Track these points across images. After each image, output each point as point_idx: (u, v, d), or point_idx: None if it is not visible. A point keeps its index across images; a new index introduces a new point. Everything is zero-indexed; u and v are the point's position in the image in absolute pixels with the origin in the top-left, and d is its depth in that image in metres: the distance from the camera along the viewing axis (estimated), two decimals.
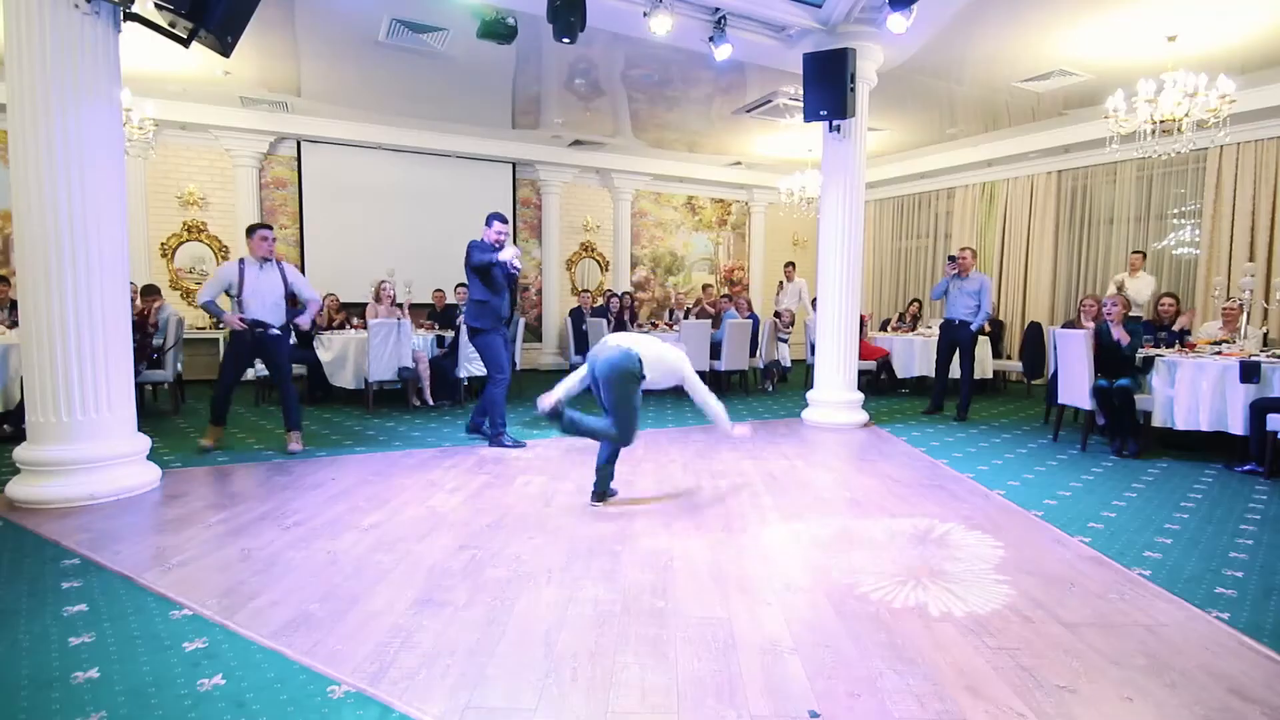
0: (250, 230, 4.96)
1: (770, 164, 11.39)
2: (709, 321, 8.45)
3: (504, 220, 5.25)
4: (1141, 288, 7.45)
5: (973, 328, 6.77)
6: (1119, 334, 5.23)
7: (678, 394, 8.06)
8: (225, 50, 3.95)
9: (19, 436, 4.32)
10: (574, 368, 9.65)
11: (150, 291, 6.77)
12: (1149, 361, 5.32)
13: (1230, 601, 2.65)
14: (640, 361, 3.59)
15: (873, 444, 5.58)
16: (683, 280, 12.45)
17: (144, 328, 6.15)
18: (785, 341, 9.34)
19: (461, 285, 8.26)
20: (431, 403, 6.99)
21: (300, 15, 5.81)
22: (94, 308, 3.75)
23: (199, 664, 2.10)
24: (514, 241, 7.51)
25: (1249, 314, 5.80)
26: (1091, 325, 5.56)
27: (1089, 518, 3.68)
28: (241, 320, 4.77)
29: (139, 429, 4.10)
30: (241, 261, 4.88)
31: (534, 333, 11.08)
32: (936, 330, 7.96)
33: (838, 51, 5.56)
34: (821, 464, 4.91)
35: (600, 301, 9.87)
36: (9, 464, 3.96)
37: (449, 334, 7.34)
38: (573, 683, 2.04)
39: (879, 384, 8.71)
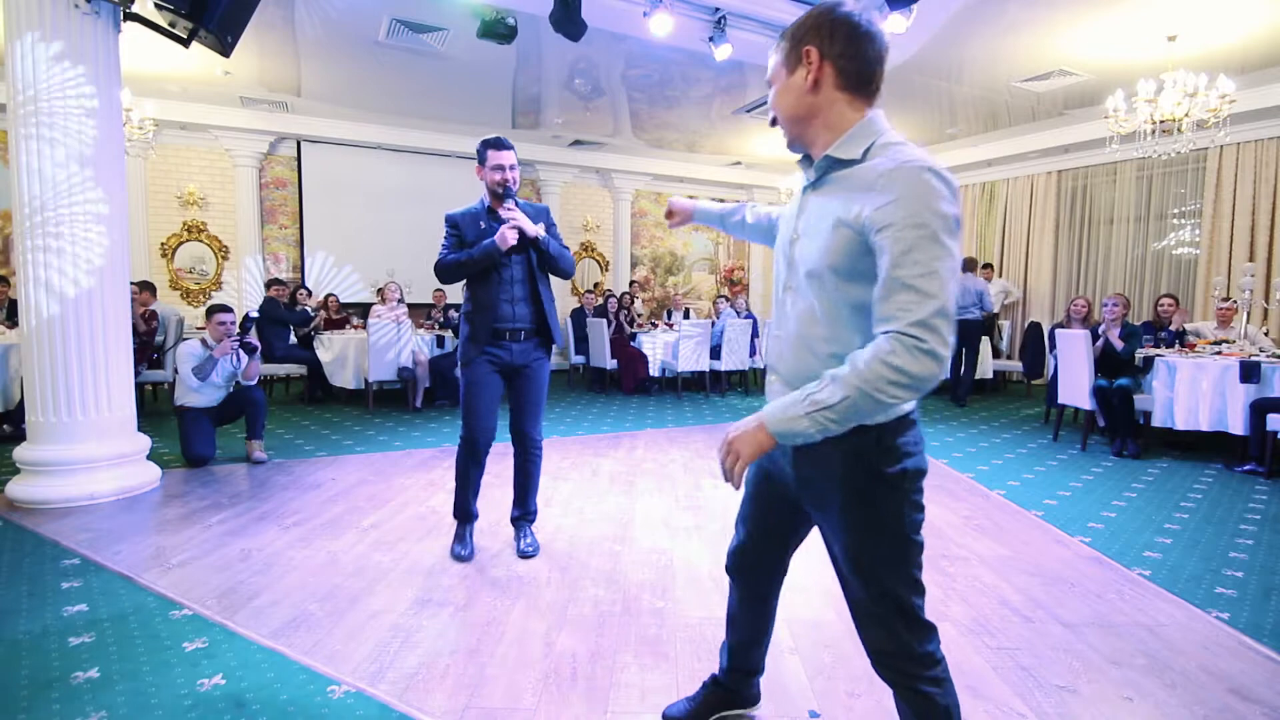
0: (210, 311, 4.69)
1: (770, 164, 11.39)
2: (709, 322, 8.45)
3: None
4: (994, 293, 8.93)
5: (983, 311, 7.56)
6: (1113, 338, 5.25)
7: (677, 393, 8.14)
8: (225, 50, 3.95)
9: (19, 436, 4.33)
10: (574, 368, 9.70)
11: (145, 287, 6.75)
12: (1149, 362, 5.32)
13: (1230, 601, 2.65)
14: None
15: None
16: (683, 280, 12.45)
17: (140, 329, 6.14)
18: None
19: None
20: (419, 406, 6.93)
21: (300, 15, 5.80)
22: (94, 308, 3.75)
23: (199, 664, 2.10)
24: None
25: (1249, 314, 5.81)
26: (1085, 329, 5.56)
27: (1089, 518, 3.68)
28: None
29: (139, 429, 4.10)
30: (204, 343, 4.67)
31: None
32: None
33: None
34: None
35: (600, 301, 9.87)
36: (9, 464, 3.96)
37: (449, 334, 7.34)
38: (573, 683, 2.04)
39: None
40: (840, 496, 1.29)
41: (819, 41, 1.25)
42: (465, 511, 3.09)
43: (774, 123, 1.34)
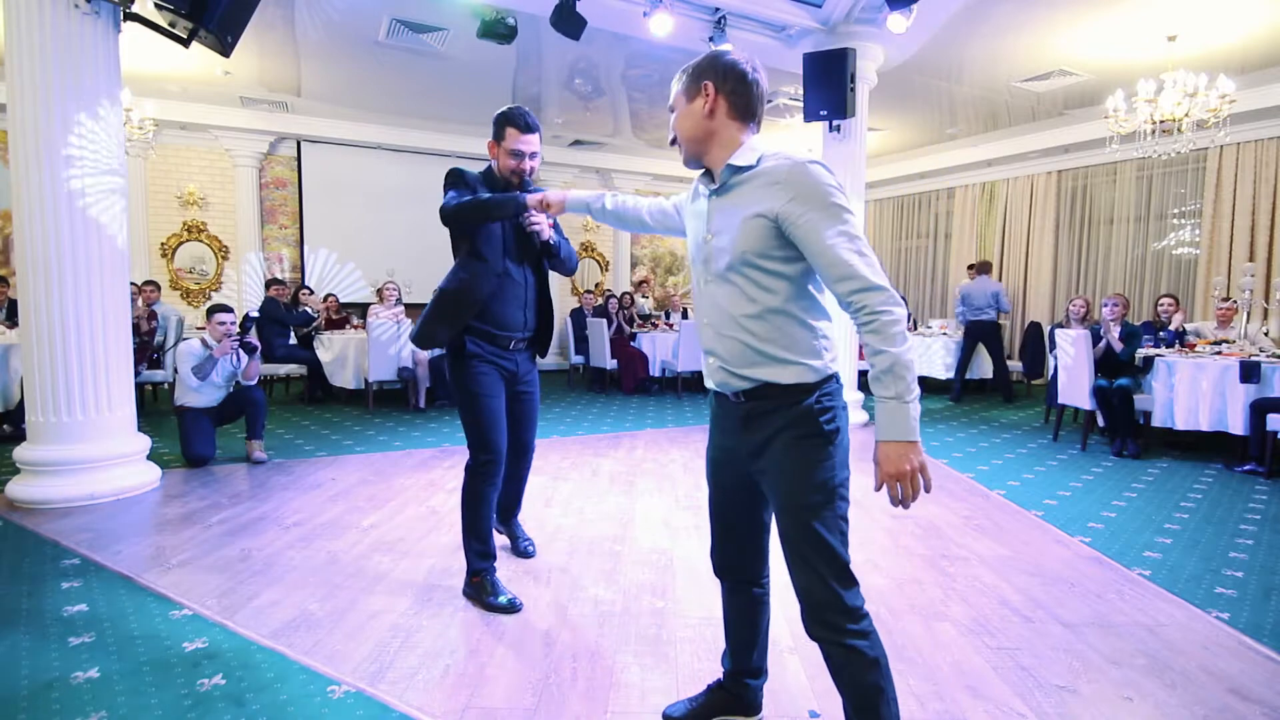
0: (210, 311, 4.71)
1: None
2: None
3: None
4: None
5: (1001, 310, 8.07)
6: (1113, 339, 5.27)
7: (677, 393, 8.14)
8: (225, 50, 3.95)
9: (19, 436, 4.33)
10: (574, 368, 9.71)
11: (150, 285, 6.84)
12: (1149, 362, 5.32)
13: (1230, 601, 2.65)
14: None
15: (872, 444, 5.57)
16: (683, 280, 12.45)
17: (141, 329, 6.15)
18: None
19: None
20: (423, 406, 6.94)
21: (300, 15, 5.80)
22: (94, 308, 3.75)
23: (199, 664, 2.10)
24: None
25: (1249, 314, 5.80)
26: (1084, 329, 5.56)
27: (1089, 518, 3.68)
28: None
29: (139, 429, 4.10)
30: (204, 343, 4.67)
31: None
32: (936, 330, 8.71)
33: (838, 51, 5.56)
34: None
35: (600, 301, 9.88)
36: (9, 464, 3.96)
37: None
38: (573, 683, 2.04)
39: None
40: (783, 449, 1.47)
41: (715, 78, 1.50)
42: (490, 553, 2.59)
43: (674, 142, 1.58)
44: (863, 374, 7.35)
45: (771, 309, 1.46)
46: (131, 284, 5.12)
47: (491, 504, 2.59)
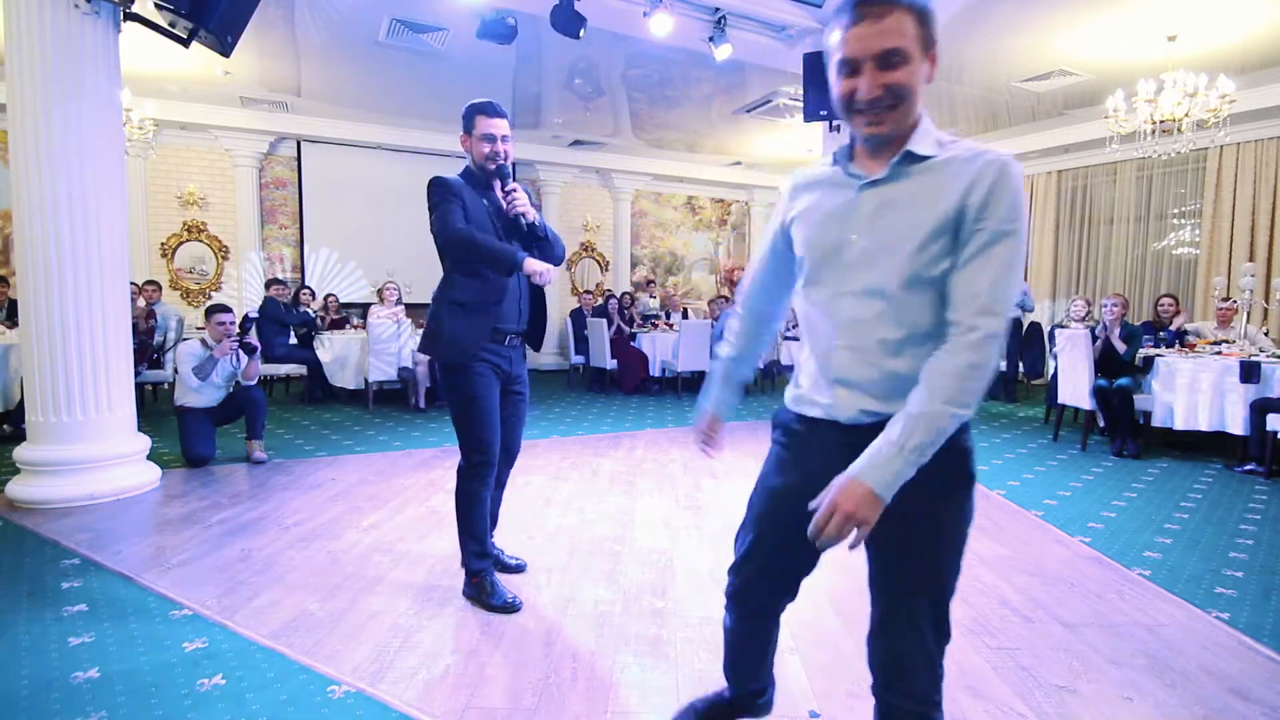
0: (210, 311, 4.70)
1: (770, 164, 11.39)
2: (709, 322, 8.46)
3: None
4: None
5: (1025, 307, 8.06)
6: (1115, 338, 5.27)
7: (677, 393, 8.13)
8: (225, 50, 3.95)
9: (19, 436, 4.33)
10: (574, 368, 9.71)
11: (151, 285, 6.87)
12: (1149, 361, 5.32)
13: (1230, 601, 2.65)
14: None
15: None
16: (683, 280, 12.46)
17: (140, 329, 6.16)
18: (796, 340, 9.35)
19: None
20: (423, 407, 6.94)
21: (300, 15, 5.80)
22: (94, 308, 3.75)
23: (199, 664, 2.10)
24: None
25: (1249, 314, 5.80)
26: (1084, 329, 5.56)
27: (1089, 518, 3.68)
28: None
29: (139, 429, 4.10)
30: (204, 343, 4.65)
31: None
32: None
33: None
34: None
35: (600, 301, 9.88)
36: (9, 464, 3.96)
37: None
38: (573, 683, 2.04)
39: None
40: (920, 500, 1.15)
41: (935, 35, 1.18)
42: (487, 552, 2.59)
43: (879, 105, 1.15)
44: None
45: (923, 332, 1.17)
46: (131, 284, 5.13)
47: (485, 503, 2.55)
